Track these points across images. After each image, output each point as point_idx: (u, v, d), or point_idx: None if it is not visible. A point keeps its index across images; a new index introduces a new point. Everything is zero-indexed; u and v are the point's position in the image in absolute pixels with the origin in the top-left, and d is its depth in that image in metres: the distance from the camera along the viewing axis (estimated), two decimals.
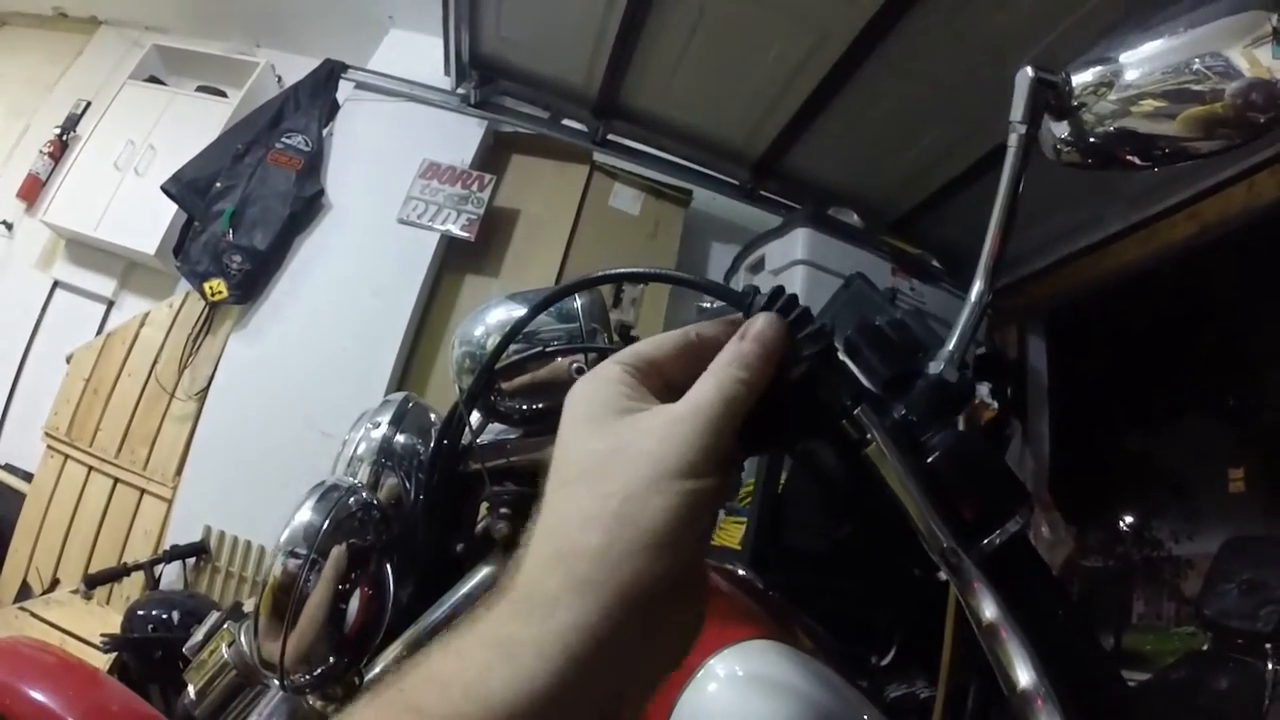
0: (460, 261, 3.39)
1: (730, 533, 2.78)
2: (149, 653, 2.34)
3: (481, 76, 3.41)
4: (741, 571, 1.10)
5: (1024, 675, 0.45)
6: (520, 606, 0.35)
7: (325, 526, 0.67)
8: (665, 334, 0.46)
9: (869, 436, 0.49)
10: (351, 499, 0.70)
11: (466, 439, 0.85)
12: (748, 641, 0.72)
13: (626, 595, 0.34)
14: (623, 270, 0.62)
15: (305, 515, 0.67)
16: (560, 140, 3.55)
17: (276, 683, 0.66)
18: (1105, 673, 0.61)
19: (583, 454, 0.39)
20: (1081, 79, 0.65)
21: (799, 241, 2.79)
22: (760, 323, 0.46)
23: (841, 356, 0.57)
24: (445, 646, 0.35)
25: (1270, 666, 2.65)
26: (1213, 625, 2.90)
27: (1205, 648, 2.95)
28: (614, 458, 0.38)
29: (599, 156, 3.53)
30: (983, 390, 3.27)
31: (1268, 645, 2.69)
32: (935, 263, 3.04)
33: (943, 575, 0.58)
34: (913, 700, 2.43)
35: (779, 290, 0.52)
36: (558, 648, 0.33)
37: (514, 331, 0.74)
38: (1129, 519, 4.57)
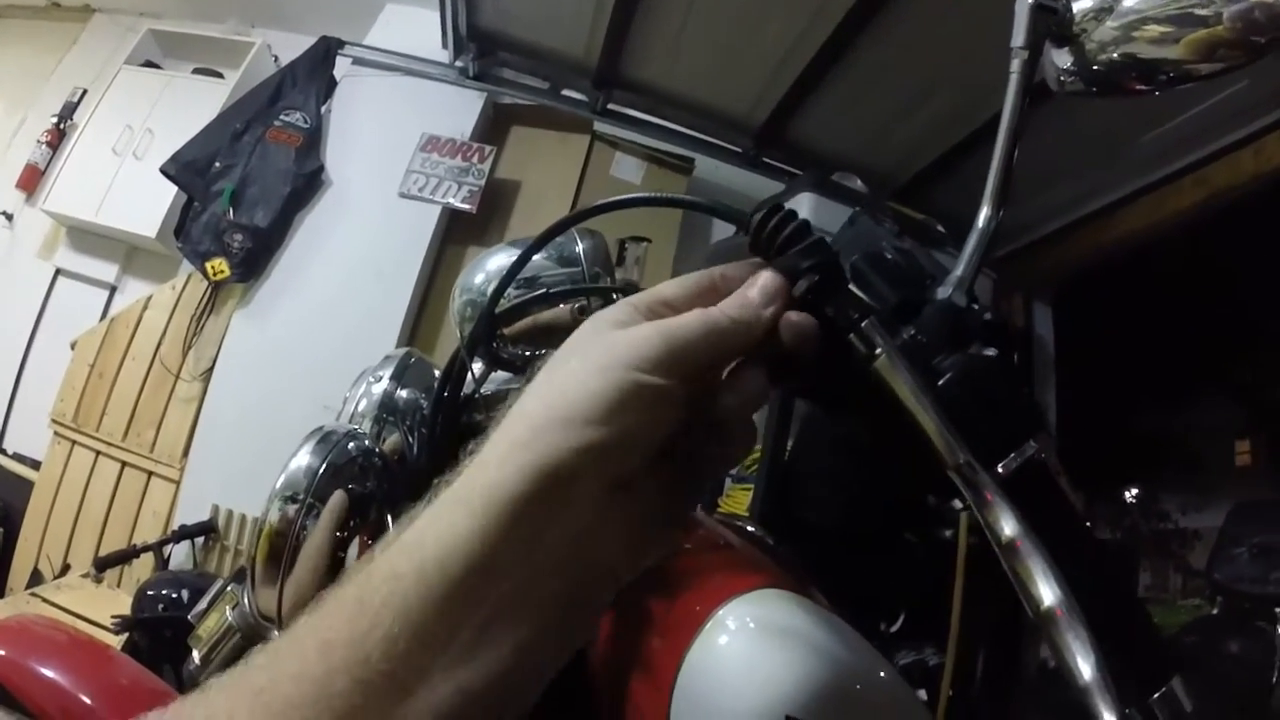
0: (462, 234, 3.37)
1: (738, 499, 2.77)
2: (160, 632, 2.35)
3: (480, 49, 3.38)
4: (750, 528, 1.09)
5: (1047, 592, 0.44)
6: (468, 470, 0.37)
7: (323, 470, 0.65)
8: (690, 275, 0.46)
9: (877, 351, 0.48)
10: (351, 444, 0.69)
11: (469, 388, 0.84)
12: (759, 590, 0.70)
13: (545, 460, 0.35)
14: (616, 199, 0.61)
15: (302, 460, 0.66)
16: (560, 110, 3.52)
17: (276, 634, 0.65)
18: (1132, 603, 0.59)
19: (561, 350, 0.41)
20: (1081, 5, 0.65)
21: (803, 206, 2.76)
22: (765, 276, 0.47)
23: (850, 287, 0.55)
24: (411, 518, 0.36)
25: None
26: (1223, 589, 2.90)
27: (1215, 612, 2.95)
28: (581, 347, 0.40)
29: (600, 126, 3.50)
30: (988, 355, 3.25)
31: (1278, 609, 2.69)
32: (940, 228, 3.01)
33: (957, 503, 0.56)
34: (921, 666, 2.43)
35: (778, 206, 0.51)
36: (480, 502, 0.35)
37: (512, 273, 0.72)
38: (1136, 491, 4.55)
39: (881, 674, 0.71)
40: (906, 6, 2.54)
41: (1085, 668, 0.42)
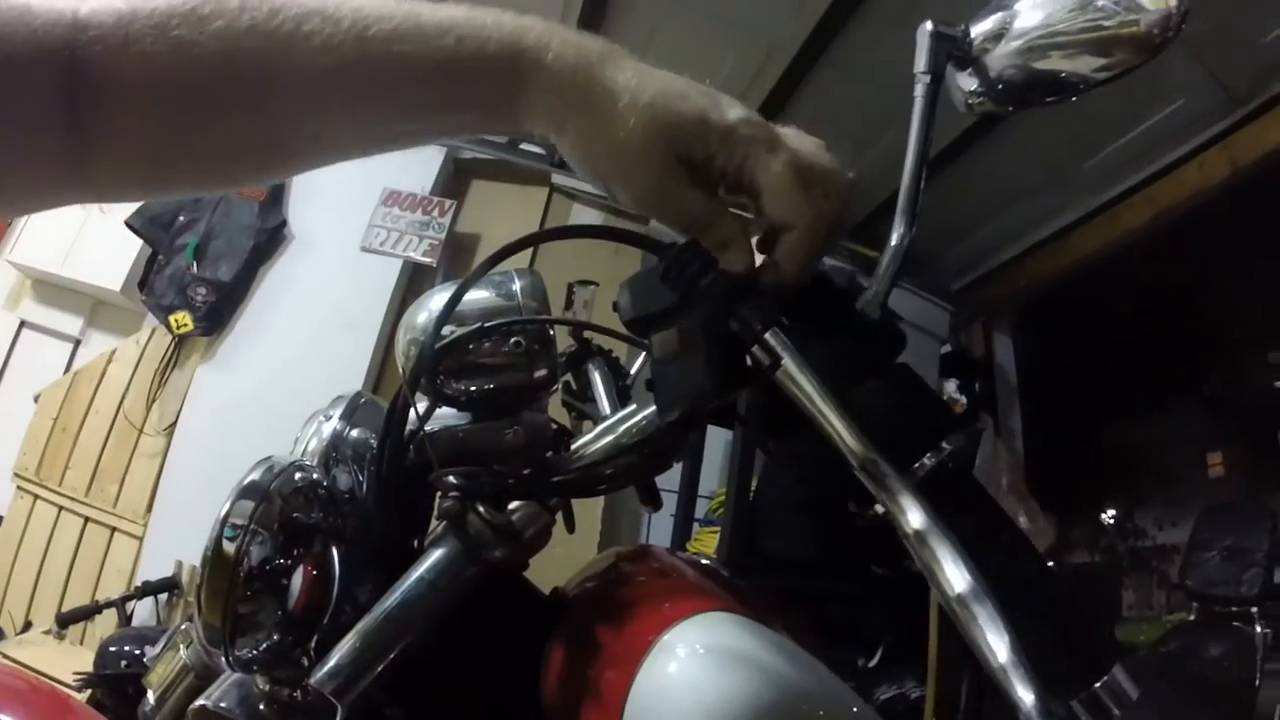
0: (424, 287, 3.37)
1: (705, 542, 2.75)
2: (123, 689, 2.30)
3: None
4: (705, 561, 1.09)
5: (957, 578, 0.43)
6: None
7: (266, 498, 0.66)
8: None
9: (781, 360, 0.49)
10: (297, 474, 0.70)
11: (414, 424, 0.84)
12: (705, 614, 0.70)
13: None
14: (541, 231, 0.63)
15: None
16: (519, 164, 3.58)
17: (223, 659, 0.65)
18: (1065, 594, 0.59)
19: None
20: (980, 28, 0.66)
21: None
22: None
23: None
24: None
25: (1259, 629, 2.66)
26: (1198, 595, 2.91)
27: (1192, 618, 2.96)
28: None
29: (557, 179, 3.55)
30: (950, 386, 3.30)
31: (1254, 609, 2.70)
32: None
33: (879, 508, 0.57)
34: (903, 701, 2.41)
35: (690, 243, 0.54)
36: None
37: (450, 305, 0.74)
38: (1111, 511, 4.58)
39: (835, 693, 0.71)
40: (850, 45, 2.61)
41: (999, 649, 0.41)
